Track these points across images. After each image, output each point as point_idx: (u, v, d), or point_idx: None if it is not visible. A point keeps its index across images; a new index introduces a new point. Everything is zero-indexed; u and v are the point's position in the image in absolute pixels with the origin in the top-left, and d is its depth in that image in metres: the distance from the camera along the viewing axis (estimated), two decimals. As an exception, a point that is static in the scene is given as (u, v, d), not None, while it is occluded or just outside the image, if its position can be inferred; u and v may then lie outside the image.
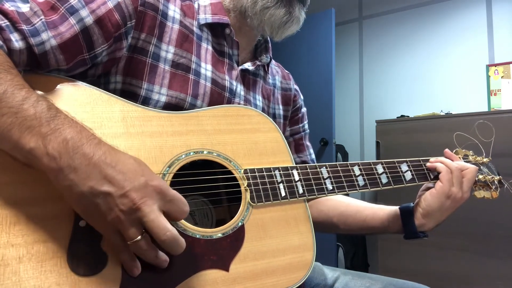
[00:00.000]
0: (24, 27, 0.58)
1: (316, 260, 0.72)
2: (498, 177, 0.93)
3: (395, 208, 0.88)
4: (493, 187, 0.91)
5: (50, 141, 0.49)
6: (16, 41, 0.58)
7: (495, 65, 2.78)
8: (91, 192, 0.48)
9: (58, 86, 0.61)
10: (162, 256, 0.54)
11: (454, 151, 0.96)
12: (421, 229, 0.83)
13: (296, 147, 1.01)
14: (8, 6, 0.59)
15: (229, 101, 0.81)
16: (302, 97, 1.04)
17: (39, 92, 0.58)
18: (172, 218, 0.53)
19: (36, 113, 0.50)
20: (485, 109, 2.78)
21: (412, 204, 0.86)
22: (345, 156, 3.37)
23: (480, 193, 0.91)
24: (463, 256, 2.21)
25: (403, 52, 3.26)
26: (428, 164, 0.86)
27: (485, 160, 0.96)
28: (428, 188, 0.84)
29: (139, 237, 0.50)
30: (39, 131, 0.49)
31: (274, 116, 0.94)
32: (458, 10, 3.03)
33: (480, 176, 0.91)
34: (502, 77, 2.74)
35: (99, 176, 0.49)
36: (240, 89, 0.84)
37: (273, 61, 0.97)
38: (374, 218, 0.89)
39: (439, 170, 0.83)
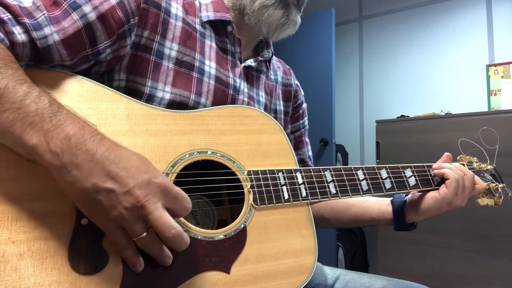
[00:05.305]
0: (26, 20, 0.58)
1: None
2: (502, 185, 0.93)
3: (386, 203, 0.90)
4: (497, 194, 0.91)
5: (53, 137, 0.48)
6: (19, 34, 0.57)
7: (495, 65, 2.78)
8: (94, 188, 0.48)
9: (63, 82, 0.61)
10: (166, 251, 0.54)
11: (458, 157, 0.95)
12: (410, 222, 0.88)
13: (295, 144, 1.01)
14: (10, 0, 0.59)
15: (233, 99, 0.81)
16: (302, 92, 1.04)
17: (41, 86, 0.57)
18: (175, 215, 0.53)
19: (38, 109, 0.49)
20: (485, 109, 2.78)
21: (404, 198, 0.88)
22: (345, 156, 3.37)
23: (484, 201, 0.91)
24: (463, 256, 2.21)
25: (403, 52, 3.26)
26: (435, 171, 0.86)
27: (489, 167, 0.95)
28: None
29: (145, 233, 0.50)
30: (41, 128, 0.49)
31: (275, 112, 0.94)
32: (458, 10, 3.03)
33: (484, 184, 0.90)
34: (502, 77, 2.74)
35: (102, 172, 0.49)
36: (243, 86, 0.84)
37: (274, 57, 0.97)
38: (364, 215, 0.92)
39: (448, 176, 0.83)
